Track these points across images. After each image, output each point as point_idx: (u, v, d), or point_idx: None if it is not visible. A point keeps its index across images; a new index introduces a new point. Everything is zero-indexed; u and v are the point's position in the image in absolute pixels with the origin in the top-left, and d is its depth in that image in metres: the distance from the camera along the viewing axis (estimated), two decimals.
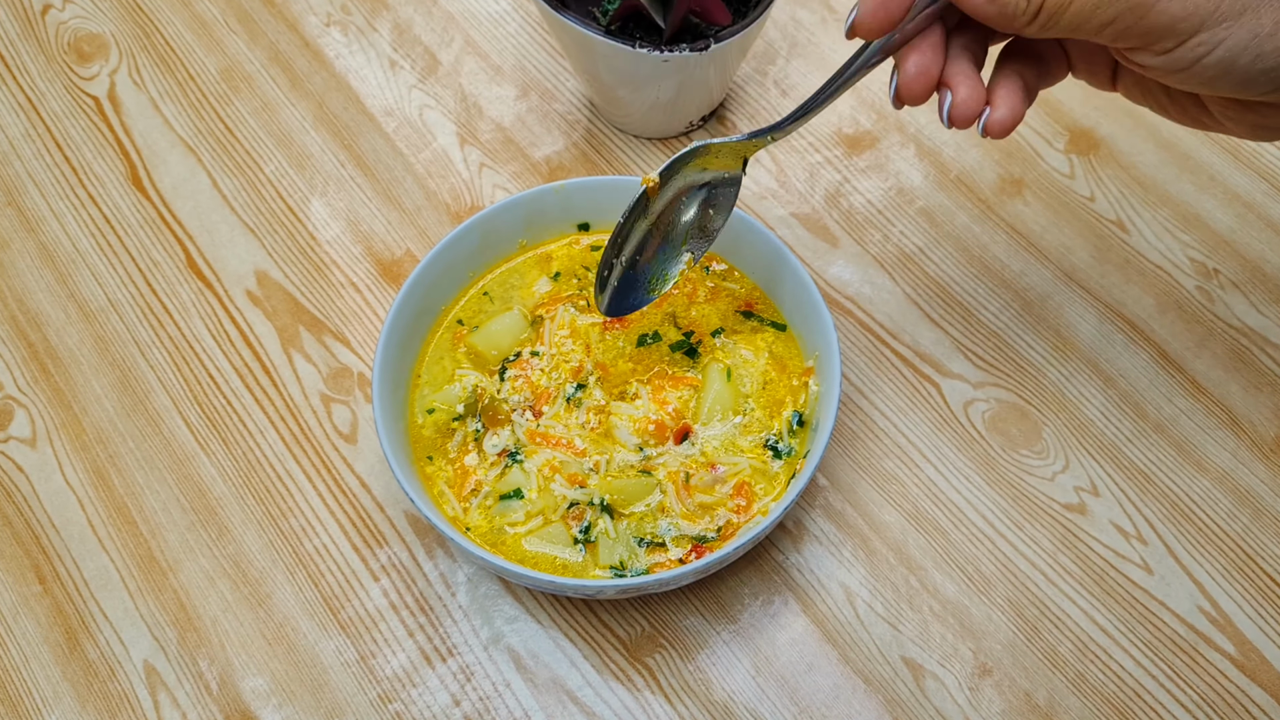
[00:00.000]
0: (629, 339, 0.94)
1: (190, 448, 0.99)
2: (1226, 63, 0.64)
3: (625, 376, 0.92)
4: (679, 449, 0.89)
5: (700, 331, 0.94)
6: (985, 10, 0.69)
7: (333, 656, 0.90)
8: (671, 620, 0.91)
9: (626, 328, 0.94)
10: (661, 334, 0.94)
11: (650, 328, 0.94)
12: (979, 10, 0.69)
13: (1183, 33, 0.64)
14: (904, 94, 0.72)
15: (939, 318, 1.03)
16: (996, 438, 0.97)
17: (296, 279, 1.07)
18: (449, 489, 0.89)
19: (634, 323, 0.95)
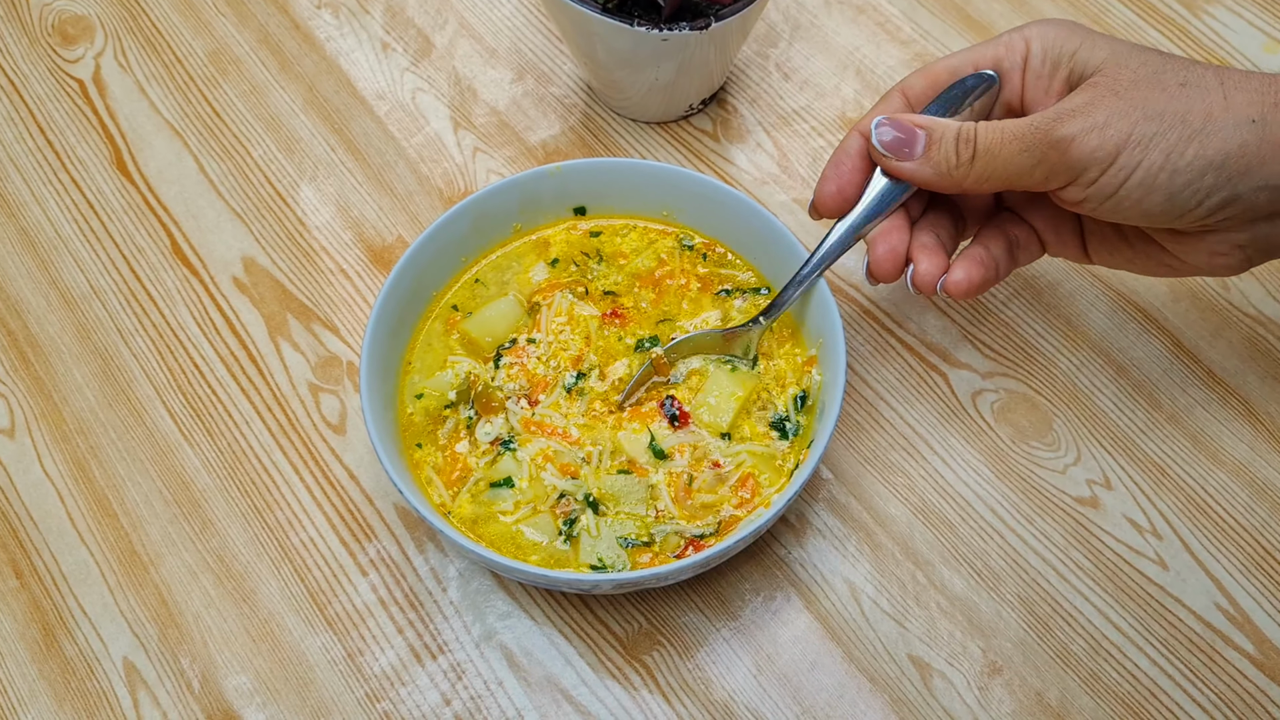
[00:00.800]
0: (630, 334, 0.91)
1: (174, 438, 0.96)
2: (1147, 183, 0.71)
3: (624, 379, 0.89)
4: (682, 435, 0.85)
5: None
6: (923, 173, 0.77)
7: (319, 654, 0.87)
8: (670, 617, 0.88)
9: (625, 325, 0.91)
10: (660, 338, 0.91)
11: (648, 331, 0.91)
12: (917, 175, 0.77)
13: (1102, 161, 0.71)
14: (875, 271, 0.81)
15: (946, 306, 1.00)
16: (1006, 429, 0.94)
17: (285, 266, 1.04)
18: (437, 475, 0.86)
19: (633, 320, 0.92)
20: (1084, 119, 0.72)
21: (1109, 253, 0.82)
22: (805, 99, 1.12)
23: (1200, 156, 0.70)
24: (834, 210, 0.81)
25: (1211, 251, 0.76)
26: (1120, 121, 0.71)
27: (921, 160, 0.77)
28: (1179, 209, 0.72)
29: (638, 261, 0.94)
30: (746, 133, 1.10)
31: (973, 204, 0.85)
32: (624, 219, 0.96)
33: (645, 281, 0.93)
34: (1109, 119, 0.71)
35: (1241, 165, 0.70)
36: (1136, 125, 0.70)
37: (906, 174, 0.78)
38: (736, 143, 1.10)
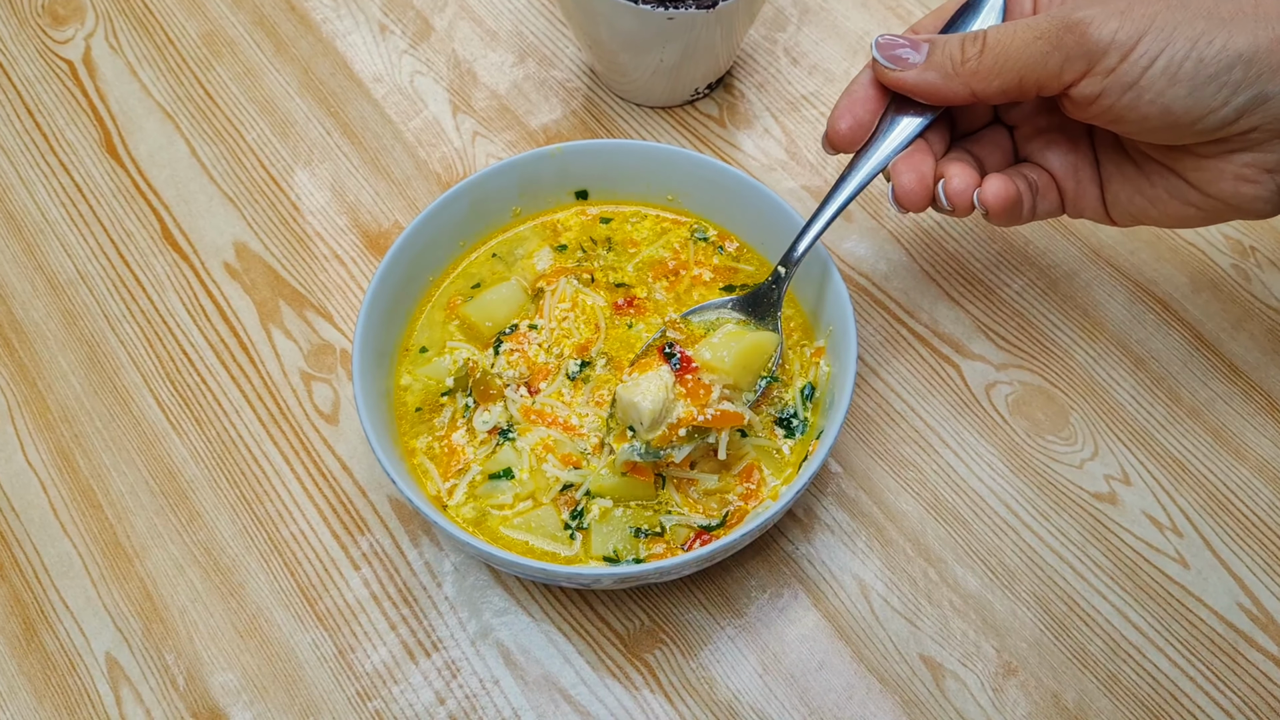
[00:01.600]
0: (647, 324, 0.88)
1: (161, 427, 0.93)
2: (1170, 72, 0.66)
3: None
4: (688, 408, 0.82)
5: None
6: (928, 78, 0.72)
7: (309, 650, 0.84)
8: (673, 614, 0.85)
9: (641, 315, 0.88)
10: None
11: (654, 327, 0.88)
12: (922, 82, 0.72)
13: (1123, 44, 0.66)
14: (902, 197, 0.75)
15: (959, 296, 0.97)
16: (1021, 422, 0.91)
17: (277, 251, 1.01)
18: (433, 466, 0.83)
19: (646, 311, 0.88)
20: (1104, 4, 0.67)
21: (1128, 197, 0.76)
22: (814, 84, 1.09)
23: (1228, 48, 0.65)
24: (849, 143, 0.76)
25: (1238, 177, 0.70)
26: (1143, 7, 0.66)
27: (925, 65, 0.71)
28: (1202, 107, 0.66)
29: (649, 251, 0.91)
30: (754, 118, 1.07)
31: (990, 149, 0.80)
32: (630, 204, 0.93)
33: (659, 271, 0.90)
34: (1131, 4, 0.66)
35: (1273, 61, 0.65)
36: (1160, 12, 0.65)
37: (911, 83, 0.72)
38: (744, 128, 1.07)
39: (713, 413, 0.79)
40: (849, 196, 0.78)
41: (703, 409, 0.78)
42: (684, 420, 0.78)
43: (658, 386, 0.78)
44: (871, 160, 0.76)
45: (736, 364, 0.80)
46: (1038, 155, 0.79)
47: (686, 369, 0.79)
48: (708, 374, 0.80)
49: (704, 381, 0.79)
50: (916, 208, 0.75)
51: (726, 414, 0.79)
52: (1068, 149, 0.78)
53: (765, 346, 0.82)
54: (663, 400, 0.78)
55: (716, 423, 0.79)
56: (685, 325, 0.83)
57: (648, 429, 0.78)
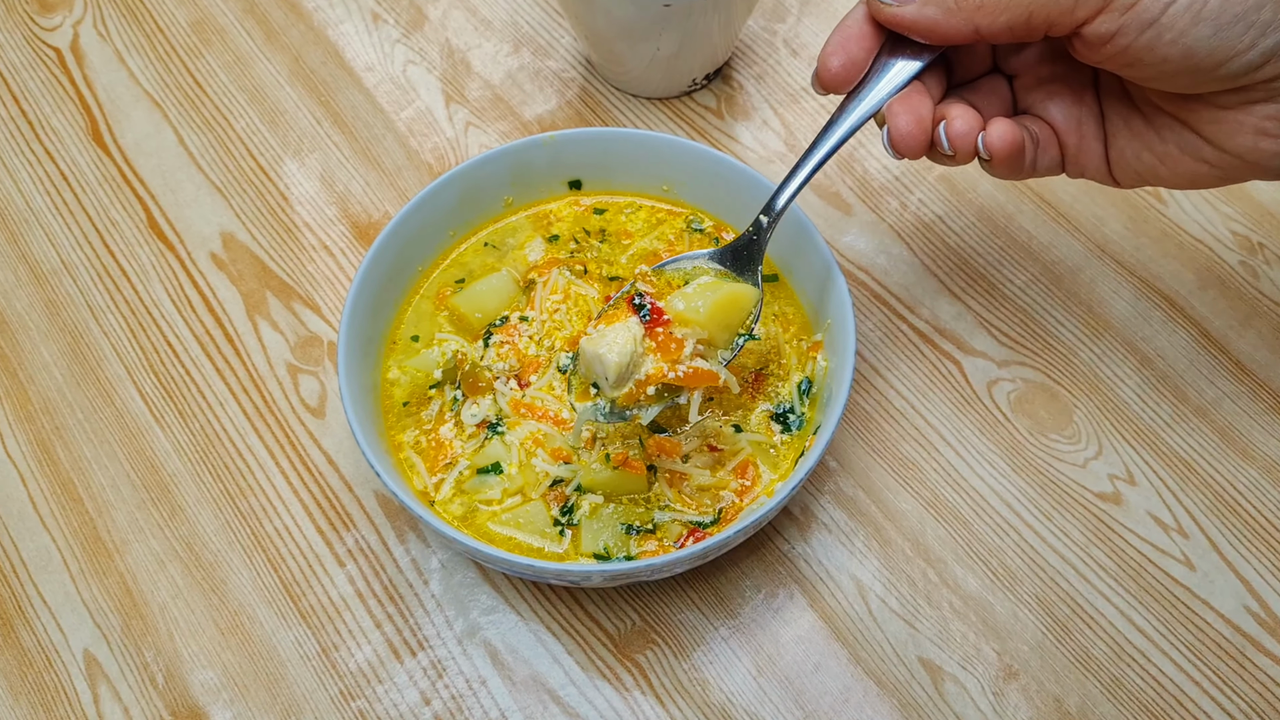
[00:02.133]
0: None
1: (144, 420, 0.91)
2: (1195, 10, 0.61)
3: None
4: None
5: None
6: (927, 14, 0.66)
7: (291, 648, 0.82)
8: (665, 614, 0.82)
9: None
10: None
11: None
12: (921, 18, 0.66)
13: None
14: (899, 141, 0.70)
15: (960, 291, 0.95)
16: (1023, 420, 0.89)
17: (265, 241, 0.99)
18: (420, 460, 0.81)
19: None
20: None
21: (1135, 154, 0.71)
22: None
23: None
24: (841, 82, 0.70)
25: (1259, 131, 0.65)
26: None
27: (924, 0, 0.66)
28: (1227, 49, 0.61)
29: (643, 243, 0.89)
30: (753, 110, 1.05)
31: (988, 99, 0.75)
32: (624, 195, 0.91)
33: (653, 263, 0.88)
34: None
35: None
36: None
37: (909, 19, 0.67)
38: (742, 120, 1.05)
39: (685, 370, 0.72)
40: (838, 141, 0.72)
41: (674, 365, 0.72)
42: (652, 377, 0.72)
43: (625, 339, 0.72)
44: (864, 103, 0.71)
45: (712, 316, 0.73)
46: (1039, 107, 0.74)
47: (657, 321, 0.72)
48: (680, 327, 0.73)
49: (676, 336, 0.72)
50: (913, 152, 0.70)
51: (700, 372, 0.73)
52: (1071, 101, 0.73)
53: (744, 299, 0.75)
54: (630, 354, 0.72)
55: (689, 381, 0.72)
56: (658, 277, 0.76)
57: (613, 385, 0.72)
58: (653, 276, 0.76)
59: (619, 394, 0.73)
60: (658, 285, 0.75)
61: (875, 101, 0.71)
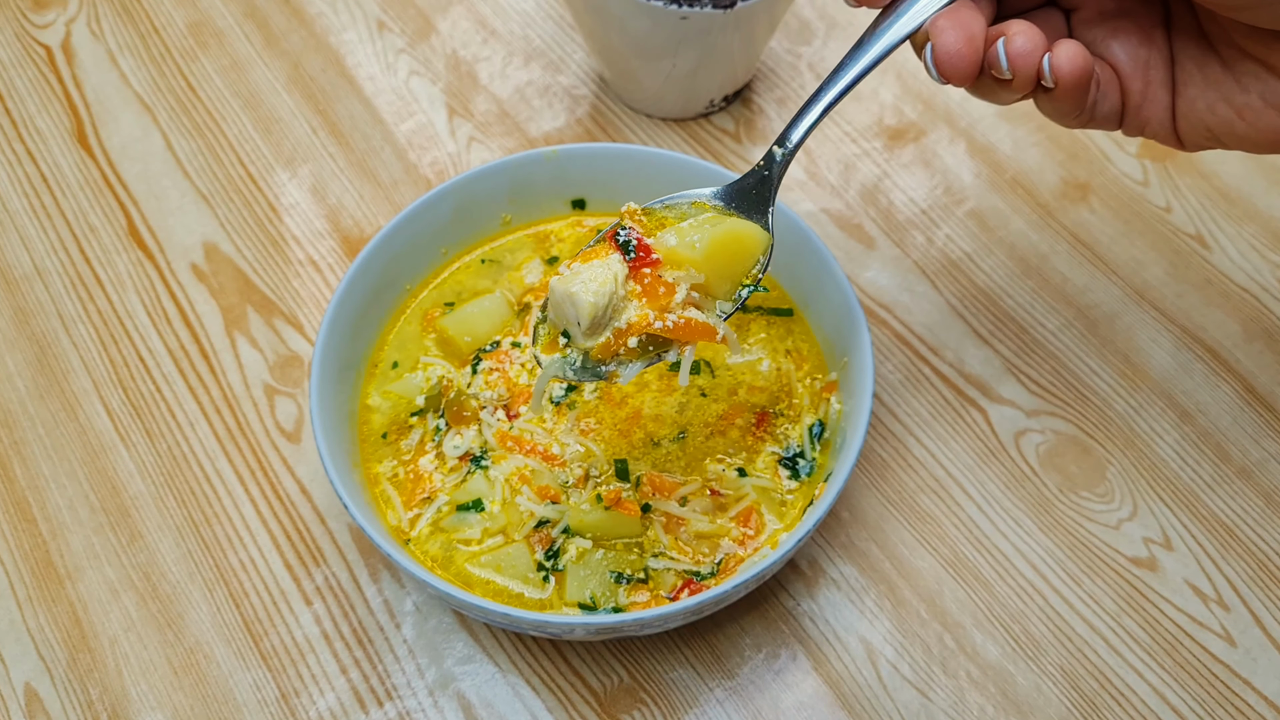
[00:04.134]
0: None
1: (108, 438, 0.85)
2: None
3: (627, 394, 0.78)
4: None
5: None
6: None
7: (249, 692, 0.75)
8: (656, 671, 0.76)
9: None
10: None
11: None
12: None
13: None
14: (944, 62, 0.59)
15: (988, 334, 0.89)
16: (1052, 475, 0.82)
17: (250, 253, 0.94)
18: (397, 494, 0.74)
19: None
20: None
21: (1208, 105, 0.62)
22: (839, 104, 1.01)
23: None
24: None
25: None
26: None
27: None
28: None
29: None
30: (772, 134, 1.00)
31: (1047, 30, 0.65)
32: None
33: None
34: None
35: None
36: None
37: None
38: (761, 144, 0.99)
39: (675, 320, 0.61)
40: (871, 61, 0.62)
41: (662, 314, 0.61)
42: (635, 326, 0.60)
43: (604, 277, 0.60)
44: (905, 18, 0.61)
45: (711, 256, 0.62)
46: (1100, 46, 0.65)
47: (644, 261, 0.61)
48: (672, 270, 0.62)
49: (666, 279, 0.61)
50: (961, 76, 0.59)
51: (693, 324, 0.61)
52: (1138, 40, 0.64)
53: (750, 240, 0.64)
54: (609, 295, 0.60)
55: (679, 334, 0.61)
56: (648, 217, 0.65)
57: (586, 332, 0.61)
58: (642, 216, 0.64)
59: (593, 344, 0.62)
60: (648, 225, 0.64)
61: (916, 19, 0.61)
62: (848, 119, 1.00)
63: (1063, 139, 0.98)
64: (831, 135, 0.99)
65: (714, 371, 0.79)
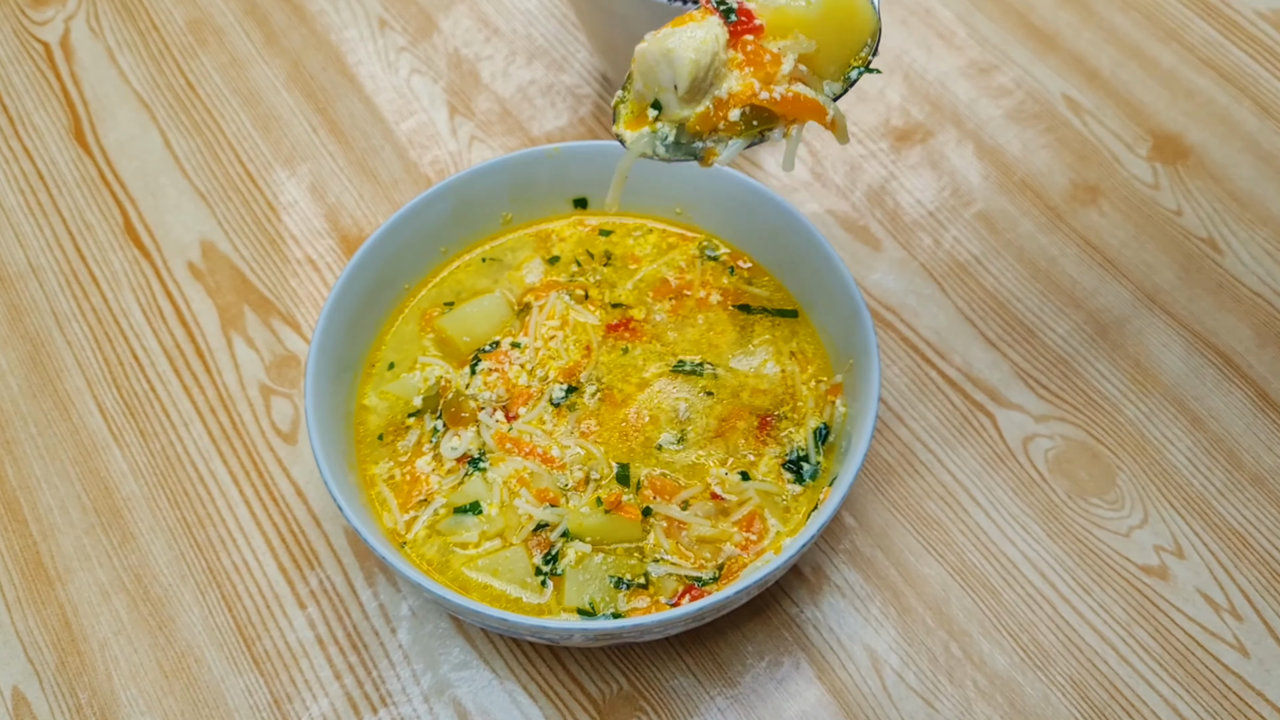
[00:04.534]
0: (644, 349, 0.78)
1: (101, 437, 0.84)
2: None
3: (628, 396, 0.76)
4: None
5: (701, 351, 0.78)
6: None
7: (240, 697, 0.74)
8: (656, 679, 0.74)
9: (637, 339, 0.78)
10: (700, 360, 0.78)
11: (657, 347, 0.78)
12: None
13: None
14: None
15: (996, 338, 0.87)
16: (1061, 481, 0.81)
17: (247, 252, 0.92)
18: (393, 496, 0.73)
19: (644, 335, 0.79)
20: None
21: None
22: (845, 103, 1.00)
23: None
24: None
25: None
26: None
27: None
28: None
29: (651, 269, 0.82)
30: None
31: None
32: (633, 217, 0.84)
33: (661, 291, 0.81)
34: None
35: None
36: None
37: None
38: (766, 146, 0.98)
39: (783, 92, 0.55)
40: None
41: (768, 84, 0.54)
42: (739, 96, 0.54)
43: (704, 37, 0.53)
44: None
45: (824, 22, 0.55)
46: None
47: (747, 26, 0.55)
48: (778, 39, 0.55)
49: (771, 49, 0.55)
50: None
51: (802, 99, 0.56)
52: None
53: (862, 12, 0.57)
54: (711, 54, 0.54)
55: (787, 108, 0.55)
56: None
57: (684, 97, 0.54)
58: None
59: (691, 113, 0.55)
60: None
61: None
62: (854, 119, 0.99)
63: (1072, 141, 0.97)
64: None
65: (717, 373, 0.77)
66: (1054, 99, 0.99)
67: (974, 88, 1.00)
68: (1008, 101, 0.99)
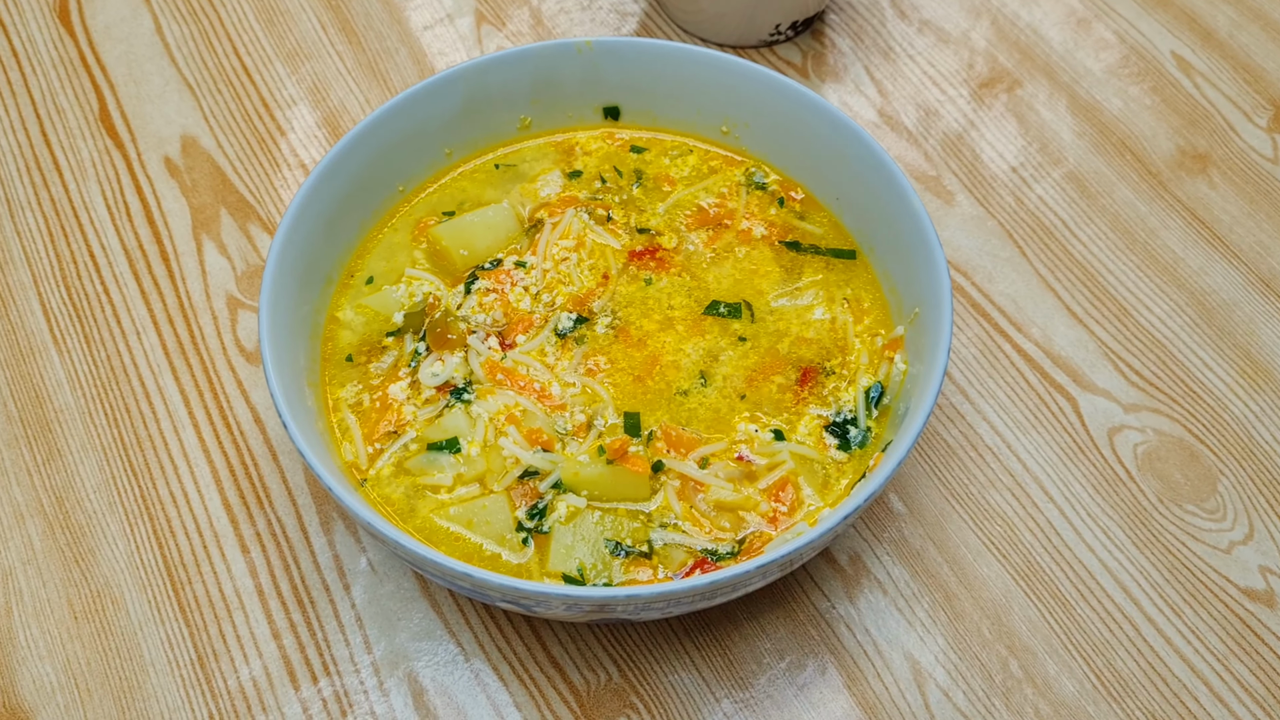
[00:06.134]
0: (671, 282, 0.66)
1: (40, 339, 0.73)
2: None
3: (648, 334, 0.64)
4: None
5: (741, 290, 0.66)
6: None
7: (159, 649, 0.62)
8: (653, 672, 0.62)
9: (660, 269, 0.66)
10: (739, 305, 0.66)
11: (689, 281, 0.66)
12: None
13: None
14: None
15: (1083, 312, 0.75)
16: (1152, 482, 0.68)
17: (231, 150, 0.81)
18: (357, 424, 0.61)
19: (671, 267, 0.67)
20: None
21: None
22: (923, 44, 0.88)
23: None
24: None
25: None
26: None
27: None
28: None
29: (687, 193, 0.70)
30: (843, 71, 0.86)
31: None
32: (672, 133, 0.72)
33: (697, 219, 0.69)
34: None
35: None
36: None
37: None
38: (830, 81, 0.86)
39: None
40: None
41: None
42: None
43: None
44: None
45: None
46: None
47: None
48: None
49: None
50: None
51: None
52: None
53: None
54: None
55: None
56: None
57: None
58: None
59: None
60: None
61: None
62: (930, 60, 0.87)
63: (1180, 104, 0.84)
64: (911, 75, 0.86)
65: (754, 314, 0.65)
66: (1161, 57, 0.87)
67: (1071, 38, 0.88)
68: (1109, 55, 0.87)
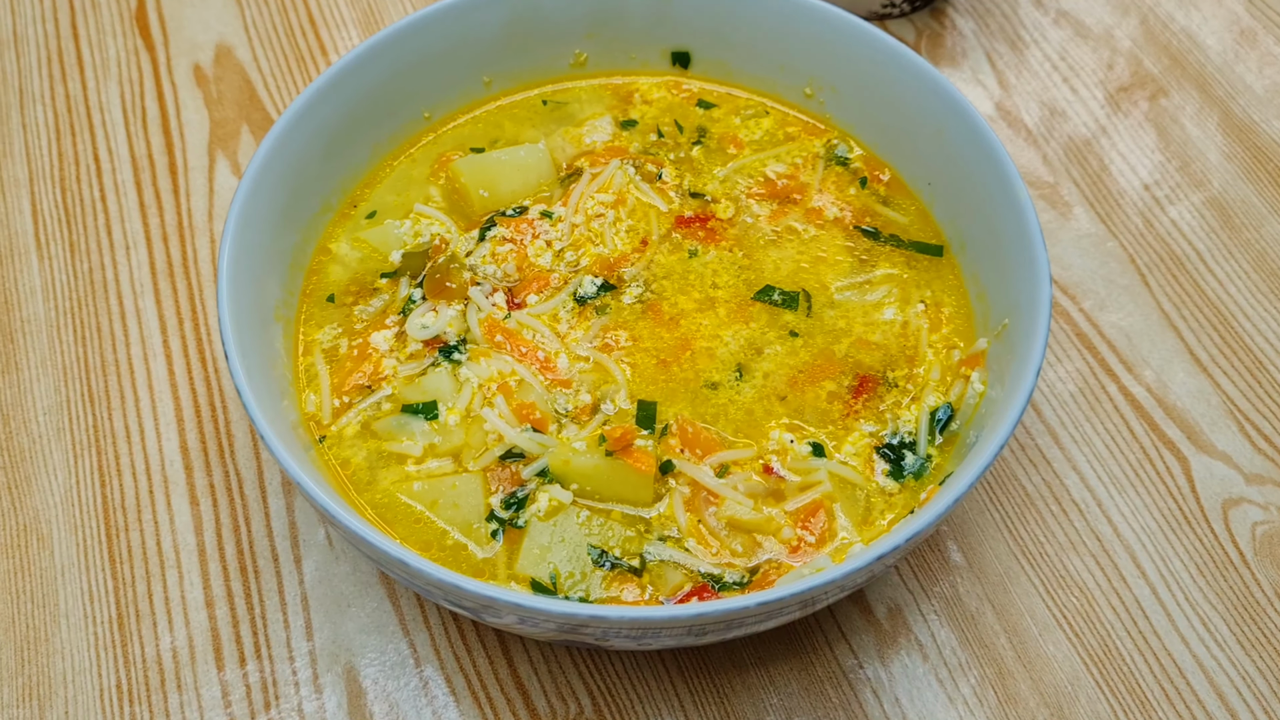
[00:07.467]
0: (721, 254, 0.56)
1: (22, 241, 0.66)
2: None
3: (683, 312, 0.54)
4: None
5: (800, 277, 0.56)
6: None
7: (76, 600, 0.55)
8: (632, 710, 0.52)
9: (709, 240, 0.56)
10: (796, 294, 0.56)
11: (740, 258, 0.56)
12: None
13: None
14: None
15: (1208, 359, 0.63)
16: (1271, 572, 0.57)
17: (267, 64, 0.74)
18: (327, 372, 0.52)
19: (723, 240, 0.57)
20: None
21: None
22: (1059, 36, 0.77)
23: None
24: None
25: None
26: None
27: None
28: None
29: (755, 158, 0.60)
30: (961, 55, 0.76)
31: None
32: (748, 90, 0.62)
33: (763, 190, 0.58)
34: None
35: None
36: None
37: None
38: (946, 65, 0.75)
39: None
40: None
41: None
42: None
43: None
44: None
45: None
46: None
47: None
48: None
49: None
50: None
51: None
52: None
53: None
54: None
55: None
56: None
57: None
58: None
59: None
60: None
61: None
62: (1063, 54, 0.76)
63: None
64: (1039, 69, 0.75)
65: (812, 307, 0.55)
66: None
67: (1232, 49, 0.76)
68: (1274, 73, 0.75)
